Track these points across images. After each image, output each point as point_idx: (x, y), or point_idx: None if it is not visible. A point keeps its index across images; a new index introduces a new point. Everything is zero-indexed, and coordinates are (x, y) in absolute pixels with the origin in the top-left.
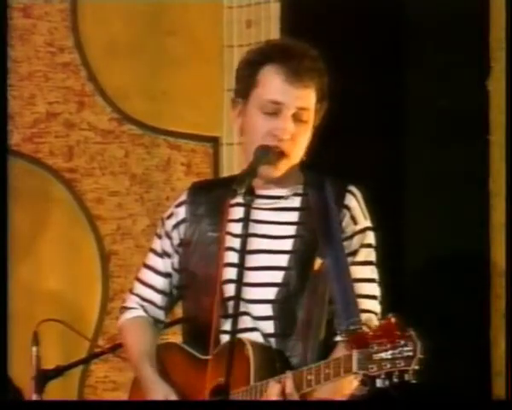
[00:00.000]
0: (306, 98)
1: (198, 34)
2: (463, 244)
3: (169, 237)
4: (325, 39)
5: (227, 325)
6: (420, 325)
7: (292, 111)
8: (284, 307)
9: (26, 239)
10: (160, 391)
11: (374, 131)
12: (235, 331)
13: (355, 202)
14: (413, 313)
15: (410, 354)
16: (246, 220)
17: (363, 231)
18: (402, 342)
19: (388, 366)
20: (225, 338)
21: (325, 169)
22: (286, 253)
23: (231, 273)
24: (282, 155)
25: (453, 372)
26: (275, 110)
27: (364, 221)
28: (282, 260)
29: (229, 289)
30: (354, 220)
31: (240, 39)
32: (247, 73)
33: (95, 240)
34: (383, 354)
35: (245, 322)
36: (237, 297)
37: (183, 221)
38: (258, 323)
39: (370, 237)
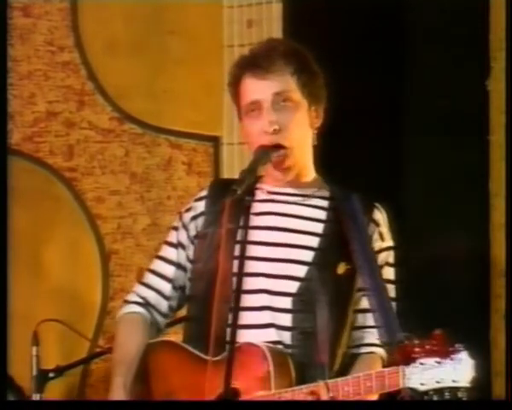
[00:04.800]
0: (279, 82)
1: (198, 34)
2: (463, 244)
3: (186, 228)
4: (326, 39)
5: (241, 320)
6: (420, 325)
7: (269, 100)
8: (304, 303)
9: (27, 238)
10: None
11: (373, 131)
12: (234, 335)
13: (382, 218)
14: (413, 313)
15: (465, 371)
16: (246, 220)
17: (389, 249)
18: (455, 358)
19: (441, 382)
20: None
21: (325, 170)
22: (311, 249)
23: (246, 266)
24: (279, 147)
25: None
26: (256, 110)
27: (390, 240)
28: (306, 256)
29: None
30: (382, 237)
31: (240, 39)
32: (231, 88)
33: (95, 239)
34: (435, 371)
35: (264, 317)
36: (238, 290)
37: (201, 214)
38: (276, 316)
39: (392, 257)
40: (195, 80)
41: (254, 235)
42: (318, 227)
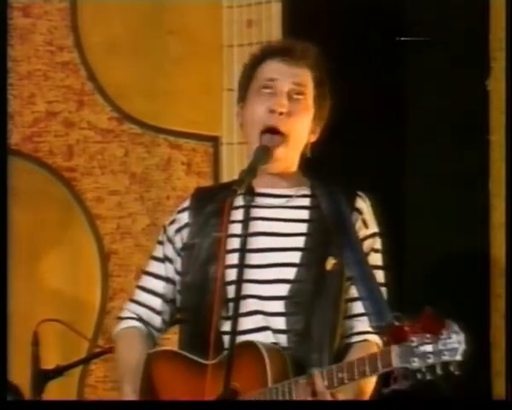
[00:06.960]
0: (301, 75)
1: (198, 33)
2: (463, 244)
3: (171, 241)
4: (326, 39)
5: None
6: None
7: (287, 87)
8: (297, 304)
9: (26, 238)
10: None
11: (373, 130)
12: (234, 333)
13: (365, 206)
14: (413, 313)
15: (455, 345)
16: (246, 220)
17: (374, 235)
18: (445, 333)
19: (432, 358)
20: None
21: (324, 169)
22: (297, 250)
23: (236, 274)
24: (280, 134)
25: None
26: (271, 87)
27: (374, 226)
28: (294, 257)
29: (233, 290)
30: (365, 224)
31: (240, 39)
32: (247, 74)
33: (94, 239)
34: (426, 347)
35: (257, 321)
36: (237, 298)
37: (185, 226)
38: (269, 320)
39: (379, 243)
40: (195, 80)
41: (240, 241)
42: (303, 227)
